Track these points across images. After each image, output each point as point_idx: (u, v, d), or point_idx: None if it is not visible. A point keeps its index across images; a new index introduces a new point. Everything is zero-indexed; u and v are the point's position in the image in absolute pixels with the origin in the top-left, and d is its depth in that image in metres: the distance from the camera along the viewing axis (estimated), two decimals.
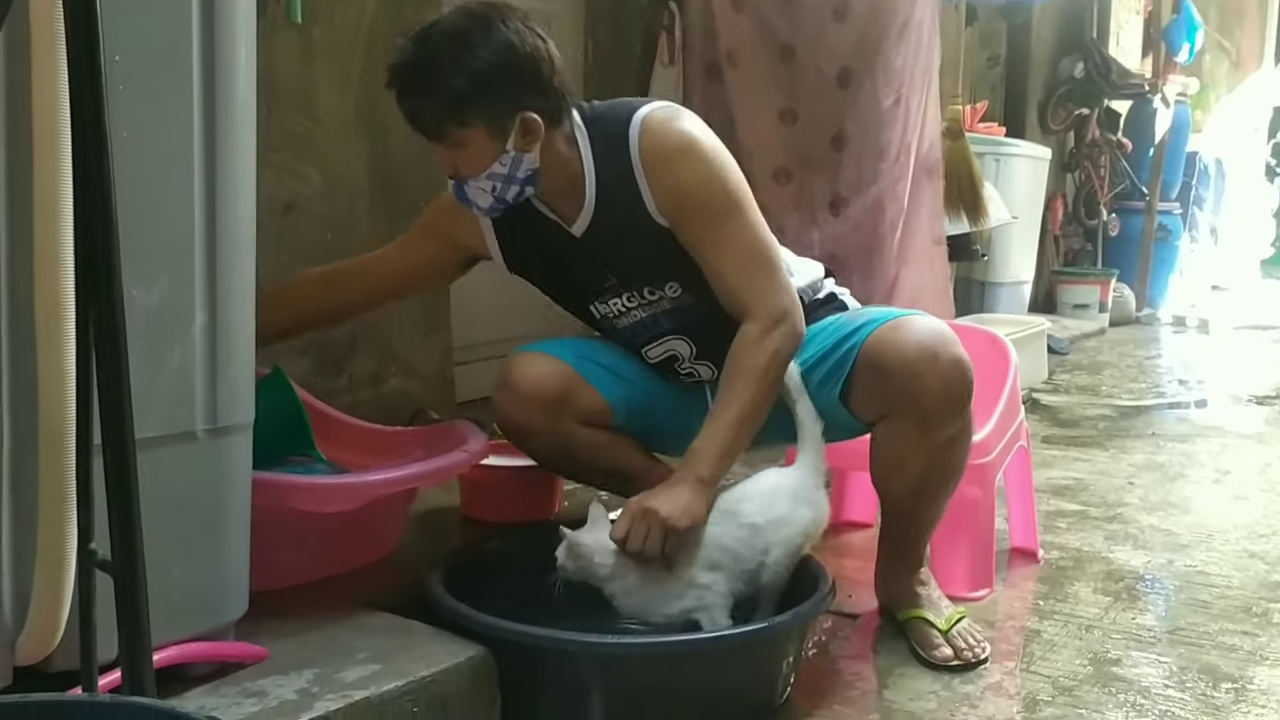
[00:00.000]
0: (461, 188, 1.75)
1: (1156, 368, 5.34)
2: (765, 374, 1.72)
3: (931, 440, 1.78)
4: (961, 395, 1.75)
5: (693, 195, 1.74)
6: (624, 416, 1.92)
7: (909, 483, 1.84)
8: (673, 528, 1.62)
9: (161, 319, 1.28)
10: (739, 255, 1.76)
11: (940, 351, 1.73)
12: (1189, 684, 1.79)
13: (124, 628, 0.99)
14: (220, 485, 1.39)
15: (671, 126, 1.76)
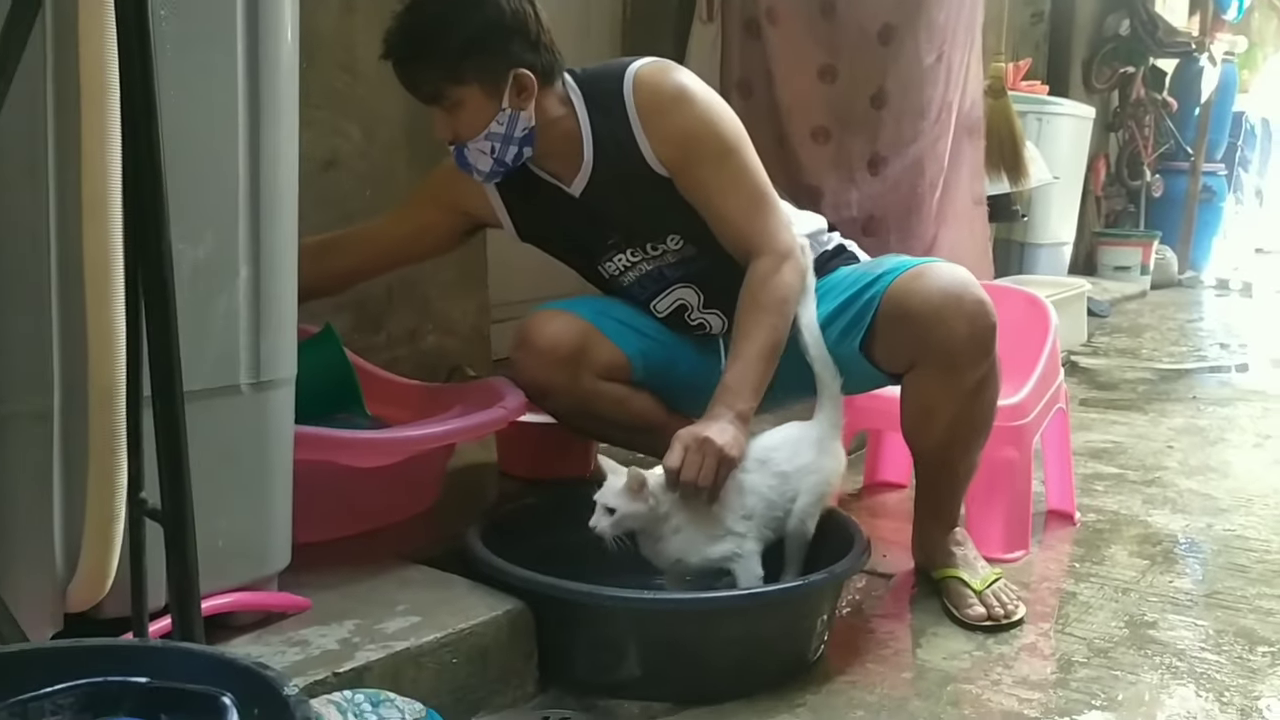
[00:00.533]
0: (462, 153, 1.78)
1: (1198, 331, 5.28)
2: (782, 307, 1.75)
3: (959, 386, 1.78)
4: (986, 337, 1.75)
5: (692, 138, 1.78)
6: (642, 371, 1.93)
7: (939, 433, 1.84)
8: (728, 458, 1.63)
9: (206, 274, 1.30)
10: (741, 195, 1.79)
11: (964, 295, 1.73)
12: (1225, 647, 1.79)
13: (173, 574, 1.01)
14: (263, 438, 1.41)
15: (665, 76, 1.80)
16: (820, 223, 1.99)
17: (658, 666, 1.59)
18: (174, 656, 0.92)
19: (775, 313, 1.75)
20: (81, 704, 0.83)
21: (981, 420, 1.86)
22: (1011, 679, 1.67)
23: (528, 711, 1.54)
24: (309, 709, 0.82)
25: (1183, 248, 6.87)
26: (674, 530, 1.65)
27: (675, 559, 1.67)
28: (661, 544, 1.66)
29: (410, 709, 1.34)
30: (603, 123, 1.81)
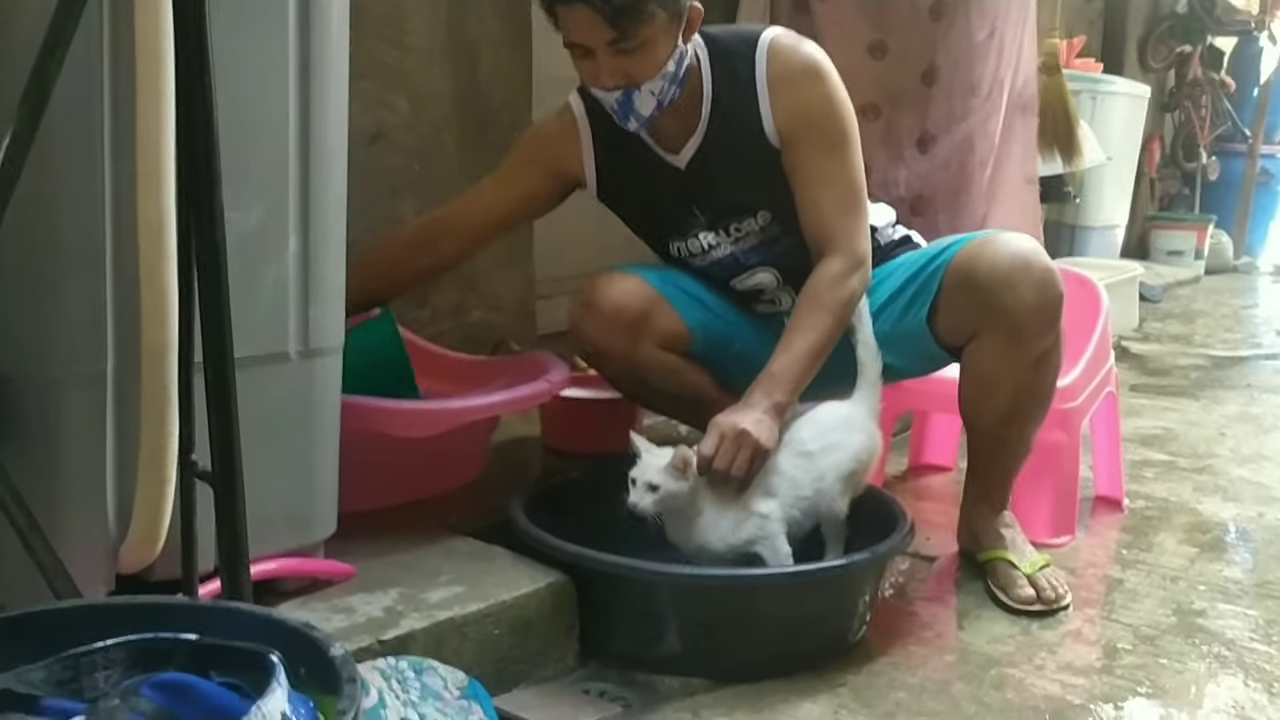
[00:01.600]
0: (630, 98, 1.71)
1: (1254, 318, 5.18)
2: (842, 311, 1.74)
3: (1023, 357, 1.76)
4: (1054, 306, 1.73)
5: (815, 117, 1.76)
6: (702, 343, 1.93)
7: (999, 407, 1.82)
8: (762, 450, 1.63)
9: (257, 242, 1.31)
10: (838, 190, 1.77)
11: (1033, 260, 1.72)
12: (1275, 638, 1.76)
13: (223, 537, 1.03)
14: (311, 406, 1.42)
15: (801, 48, 1.79)
16: (890, 215, 1.99)
17: (698, 643, 1.59)
18: (223, 616, 0.94)
19: (835, 316, 1.73)
20: (132, 659, 0.84)
21: (1043, 394, 1.84)
22: (1055, 664, 1.65)
23: (568, 684, 1.55)
24: (354, 669, 0.83)
25: (1238, 232, 6.74)
26: (698, 513, 1.65)
27: (699, 545, 1.66)
28: (689, 526, 1.66)
29: (453, 677, 1.35)
30: (726, 85, 1.78)
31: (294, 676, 0.82)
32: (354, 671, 0.83)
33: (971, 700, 1.53)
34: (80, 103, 1.14)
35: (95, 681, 0.85)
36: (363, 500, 1.69)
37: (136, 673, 0.84)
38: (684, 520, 1.66)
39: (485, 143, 2.69)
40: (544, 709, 1.45)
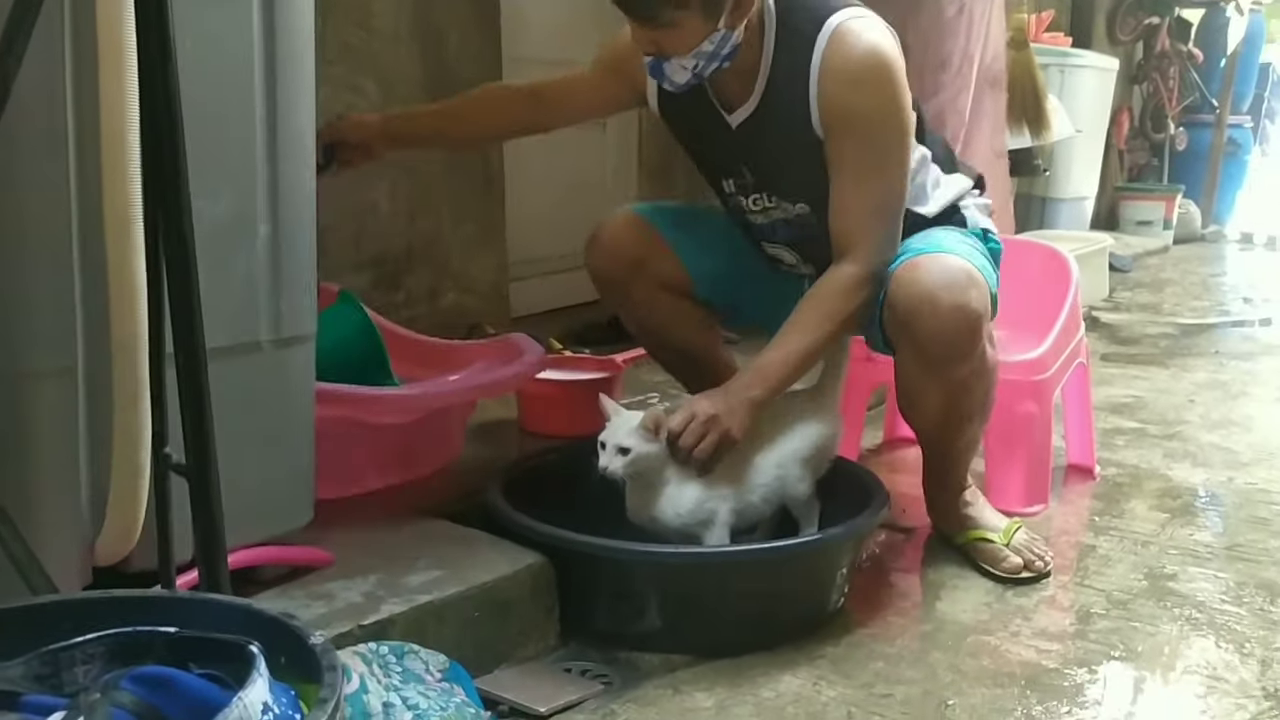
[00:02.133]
0: (659, 65, 1.70)
1: (1221, 285, 5.23)
2: (846, 321, 1.74)
3: (938, 380, 1.75)
4: (960, 342, 1.70)
5: (858, 118, 1.70)
6: (707, 289, 1.96)
7: (929, 416, 1.84)
8: (731, 441, 1.64)
9: (225, 231, 1.30)
10: (873, 195, 1.73)
11: (942, 298, 1.67)
12: (1246, 599, 1.79)
13: (199, 528, 1.03)
14: (285, 395, 1.42)
15: (863, 40, 1.69)
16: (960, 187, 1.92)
17: (678, 619, 1.60)
18: (201, 607, 0.94)
19: (837, 325, 1.73)
20: (111, 653, 0.84)
21: (971, 410, 1.83)
22: (1030, 630, 1.68)
23: (549, 664, 1.56)
24: (335, 657, 0.83)
25: (1206, 202, 6.79)
26: (663, 483, 1.66)
27: (652, 516, 1.67)
28: (648, 494, 1.66)
29: (434, 660, 1.35)
30: (785, 64, 1.73)
31: (274, 666, 0.82)
32: (335, 659, 0.84)
33: (949, 669, 1.55)
34: (42, 93, 1.12)
35: (75, 676, 0.85)
36: (339, 487, 1.70)
37: (116, 666, 0.84)
38: (645, 489, 1.66)
39: None
40: (526, 689, 1.45)
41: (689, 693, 1.48)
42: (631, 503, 1.69)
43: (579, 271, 3.36)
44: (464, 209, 2.76)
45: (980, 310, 1.70)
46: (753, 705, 1.45)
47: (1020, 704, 1.46)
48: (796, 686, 1.50)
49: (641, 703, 1.45)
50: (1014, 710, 1.45)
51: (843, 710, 1.44)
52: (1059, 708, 1.46)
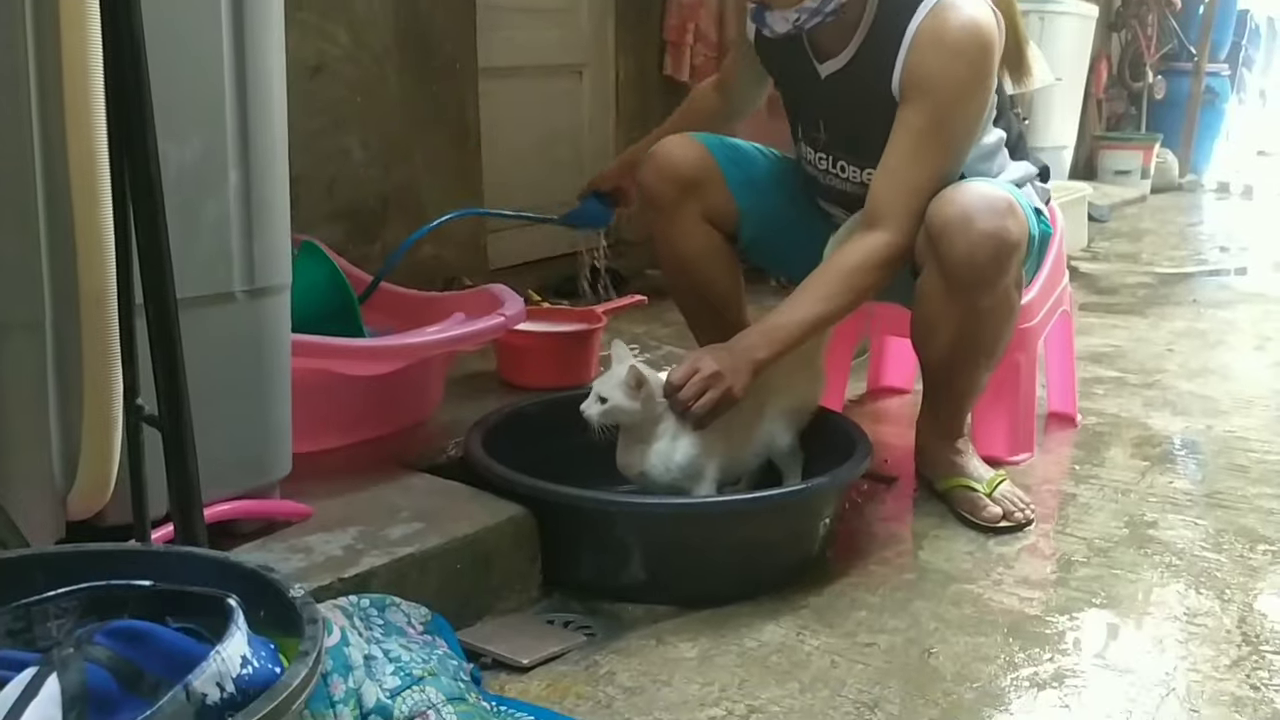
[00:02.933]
0: (762, 13, 1.72)
1: (1198, 235, 5.25)
2: (863, 292, 1.72)
3: (959, 306, 1.75)
4: (988, 268, 1.69)
5: (933, 88, 1.68)
6: (752, 229, 1.96)
7: (940, 348, 1.83)
8: (731, 400, 1.63)
9: (194, 177, 1.26)
10: (927, 169, 1.71)
11: (978, 219, 1.66)
12: (1225, 546, 1.80)
13: (174, 480, 1.01)
14: (260, 346, 1.39)
15: (963, 13, 1.68)
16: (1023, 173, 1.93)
17: (662, 570, 1.59)
18: (178, 561, 0.92)
19: (853, 293, 1.71)
20: (86, 607, 0.83)
21: (985, 344, 1.82)
22: (1013, 579, 1.68)
23: (532, 616, 1.55)
24: (316, 611, 0.82)
25: (1184, 151, 6.79)
26: (655, 438, 1.65)
27: (642, 470, 1.66)
28: (640, 448, 1.65)
29: (416, 613, 1.34)
30: (885, 24, 1.72)
31: (253, 620, 0.81)
32: (315, 612, 0.82)
33: (932, 616, 1.56)
34: (1, 36, 1.08)
35: (48, 631, 0.83)
36: (317, 440, 1.67)
37: (90, 621, 0.82)
38: (637, 442, 1.66)
39: (427, 73, 2.63)
40: (508, 640, 1.45)
41: (672, 643, 1.48)
42: (622, 457, 1.68)
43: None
44: (440, 160, 2.72)
45: (1015, 241, 1.69)
46: (736, 655, 1.45)
47: (1003, 651, 1.47)
48: (780, 636, 1.50)
49: (625, 654, 1.45)
50: (996, 657, 1.45)
51: (826, 659, 1.44)
52: (1041, 654, 1.46)
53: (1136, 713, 1.33)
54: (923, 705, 1.34)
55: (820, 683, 1.38)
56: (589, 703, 1.34)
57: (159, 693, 0.72)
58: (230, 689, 0.73)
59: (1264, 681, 1.39)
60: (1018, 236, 1.70)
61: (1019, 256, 1.73)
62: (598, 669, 1.41)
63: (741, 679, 1.39)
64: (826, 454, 1.75)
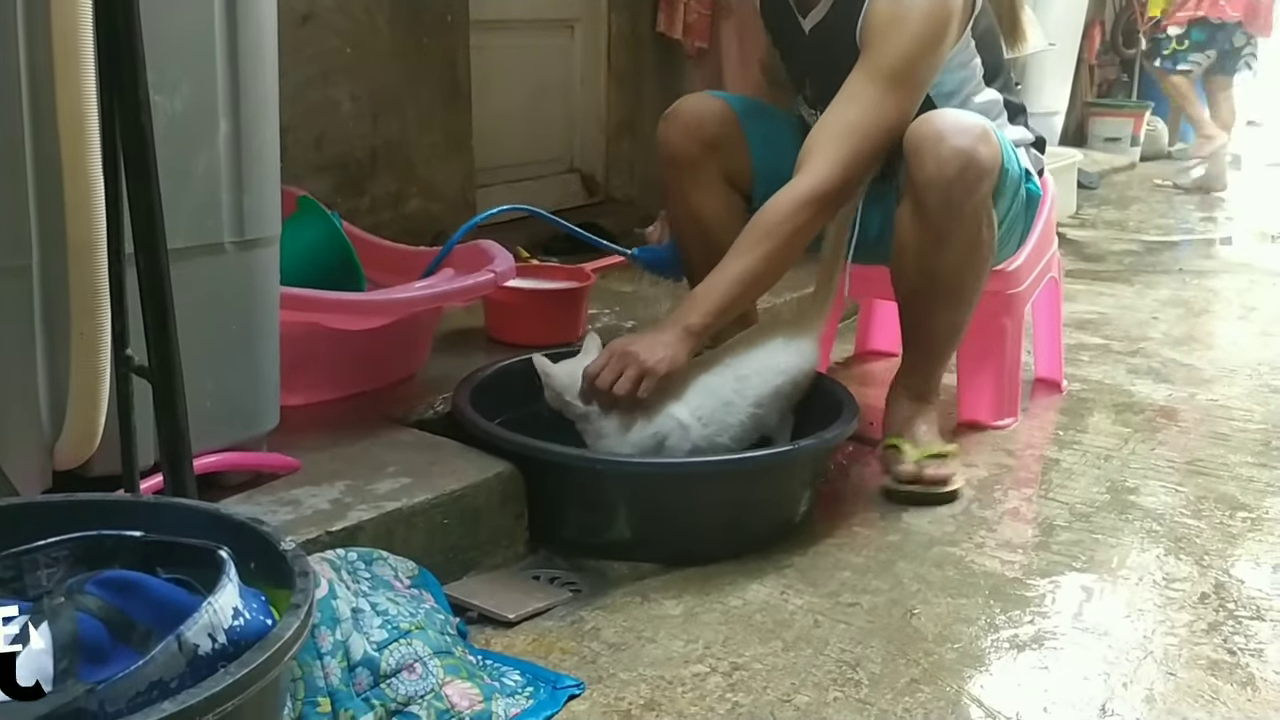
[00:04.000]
0: None
1: (1185, 204, 5.25)
2: (787, 242, 1.69)
3: (927, 234, 1.74)
4: (954, 186, 1.69)
5: (881, 37, 1.70)
6: (764, 187, 1.93)
7: (909, 281, 1.82)
8: (650, 371, 1.61)
9: (184, 127, 1.25)
10: (855, 113, 1.71)
11: (949, 137, 1.68)
12: (1205, 513, 1.82)
13: (163, 431, 1.00)
14: (249, 298, 1.39)
15: None
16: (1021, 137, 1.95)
17: (647, 529, 1.60)
18: (168, 512, 0.92)
19: (779, 244, 1.68)
20: (76, 557, 0.83)
21: (950, 280, 1.80)
22: (995, 542, 1.70)
23: (518, 572, 1.56)
24: (306, 563, 0.82)
25: (1174, 119, 6.78)
26: (600, 436, 1.65)
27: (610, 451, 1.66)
28: (601, 439, 1.65)
29: (403, 567, 1.35)
30: None
31: (244, 572, 0.81)
32: (306, 565, 0.82)
33: (914, 578, 1.57)
34: None
35: (38, 580, 0.83)
36: (304, 393, 1.67)
37: (80, 571, 0.82)
38: (596, 436, 1.66)
39: (418, 24, 2.60)
40: (495, 595, 1.46)
41: (657, 600, 1.49)
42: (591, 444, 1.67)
43: (547, 179, 3.32)
44: (430, 114, 2.70)
45: (984, 164, 1.70)
46: (720, 613, 1.46)
47: (984, 613, 1.48)
48: (764, 595, 1.51)
49: (610, 610, 1.46)
50: (978, 619, 1.47)
51: (809, 618, 1.45)
52: (1021, 616, 1.48)
53: (1114, 675, 1.35)
54: (904, 665, 1.35)
55: (803, 641, 1.40)
56: (574, 658, 1.35)
57: (150, 643, 0.73)
58: (222, 640, 0.73)
59: (1240, 646, 1.41)
60: (988, 160, 1.70)
61: (988, 182, 1.73)
62: (583, 625, 1.42)
63: (725, 637, 1.40)
64: (814, 416, 1.75)
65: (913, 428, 1.89)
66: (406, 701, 1.15)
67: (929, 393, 1.92)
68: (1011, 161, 1.81)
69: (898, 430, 1.90)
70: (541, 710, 1.22)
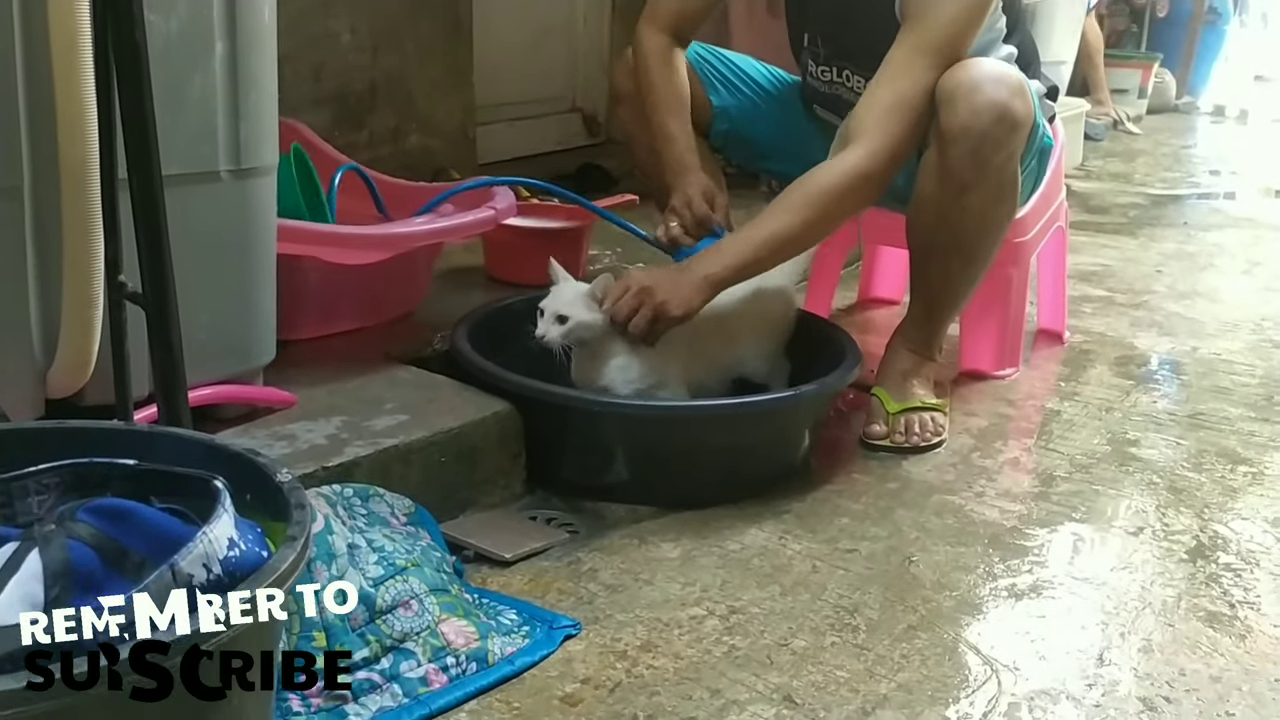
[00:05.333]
0: None
1: (1191, 157, 5.21)
2: (830, 211, 1.66)
3: (948, 180, 1.70)
4: (985, 139, 1.66)
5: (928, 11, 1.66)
6: (726, 123, 1.95)
7: (925, 232, 1.79)
8: (665, 314, 1.58)
9: (179, 48, 1.22)
10: (905, 84, 1.66)
11: (986, 87, 1.65)
12: (1206, 466, 1.81)
13: (157, 359, 0.98)
14: (246, 229, 1.36)
15: None
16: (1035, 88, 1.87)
17: (645, 472, 1.59)
18: (162, 441, 0.90)
19: (819, 213, 1.64)
20: (67, 484, 0.81)
21: (966, 237, 1.76)
22: (994, 491, 1.69)
23: (515, 511, 1.55)
24: (303, 495, 0.80)
25: (1182, 71, 6.70)
26: (610, 354, 1.62)
27: (604, 386, 1.63)
28: (596, 364, 1.62)
29: (399, 504, 1.34)
30: None
31: (239, 503, 0.79)
32: (303, 497, 0.81)
33: (913, 526, 1.56)
34: None
35: (29, 507, 0.82)
36: (301, 328, 1.65)
37: (72, 498, 0.80)
38: (593, 358, 1.62)
39: None
40: (491, 535, 1.44)
41: (655, 543, 1.48)
42: (578, 372, 1.65)
43: (548, 118, 3.27)
44: (430, 48, 2.65)
45: (1018, 117, 1.67)
46: (718, 557, 1.45)
47: (982, 561, 1.48)
48: (762, 540, 1.50)
49: (607, 551, 1.45)
50: (976, 568, 1.46)
51: (808, 564, 1.45)
52: (1020, 566, 1.47)
53: (1111, 625, 1.34)
54: (902, 611, 1.35)
55: (801, 586, 1.39)
56: (570, 599, 1.34)
57: (143, 572, 0.71)
58: (217, 571, 0.71)
59: (1238, 600, 1.41)
60: (1022, 115, 1.68)
61: (1019, 137, 1.70)
62: (580, 566, 1.41)
63: (723, 580, 1.40)
64: (815, 361, 1.74)
65: (903, 381, 1.86)
66: (402, 638, 1.14)
67: (930, 349, 1.88)
68: (1040, 119, 1.78)
69: (886, 382, 1.87)
70: (537, 649, 1.21)
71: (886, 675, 1.22)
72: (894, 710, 1.16)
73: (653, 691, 1.17)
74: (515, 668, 1.18)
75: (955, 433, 1.87)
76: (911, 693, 1.19)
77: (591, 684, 1.18)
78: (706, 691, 1.17)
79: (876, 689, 1.19)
